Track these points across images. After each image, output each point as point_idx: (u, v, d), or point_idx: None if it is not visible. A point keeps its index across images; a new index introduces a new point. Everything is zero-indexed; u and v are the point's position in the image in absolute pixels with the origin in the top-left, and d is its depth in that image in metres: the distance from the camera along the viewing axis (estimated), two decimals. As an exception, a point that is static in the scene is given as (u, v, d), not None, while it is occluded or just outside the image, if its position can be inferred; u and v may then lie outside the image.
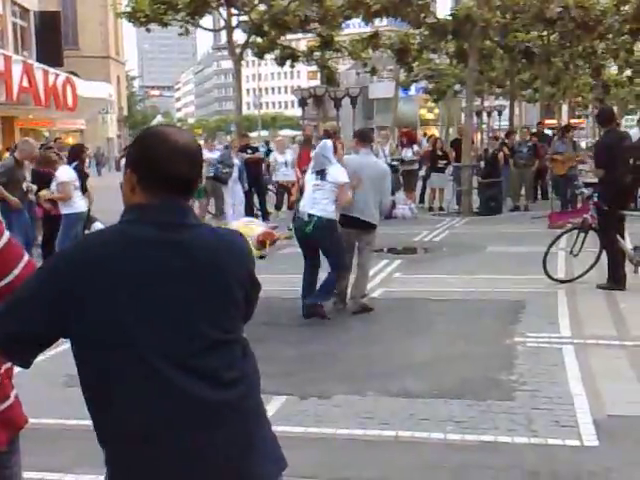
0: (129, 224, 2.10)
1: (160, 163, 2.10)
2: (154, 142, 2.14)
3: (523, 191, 19.67)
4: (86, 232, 10.60)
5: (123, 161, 18.90)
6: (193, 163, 2.17)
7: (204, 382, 2.04)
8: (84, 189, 12.55)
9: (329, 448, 4.90)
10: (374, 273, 9.95)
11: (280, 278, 10.12)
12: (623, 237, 9.39)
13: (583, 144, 33.86)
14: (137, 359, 1.99)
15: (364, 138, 8.93)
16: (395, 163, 18.20)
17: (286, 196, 17.45)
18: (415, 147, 19.69)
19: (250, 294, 2.27)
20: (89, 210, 12.64)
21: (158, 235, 2.06)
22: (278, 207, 17.92)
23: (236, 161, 16.77)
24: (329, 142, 8.63)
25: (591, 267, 9.49)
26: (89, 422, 2.13)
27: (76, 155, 12.85)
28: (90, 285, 2.00)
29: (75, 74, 33.47)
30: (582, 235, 9.63)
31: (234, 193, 16.71)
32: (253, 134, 39.57)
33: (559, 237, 10.09)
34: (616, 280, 9.18)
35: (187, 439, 2.01)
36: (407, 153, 19.14)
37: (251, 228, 7.96)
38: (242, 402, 2.10)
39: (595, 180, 10.01)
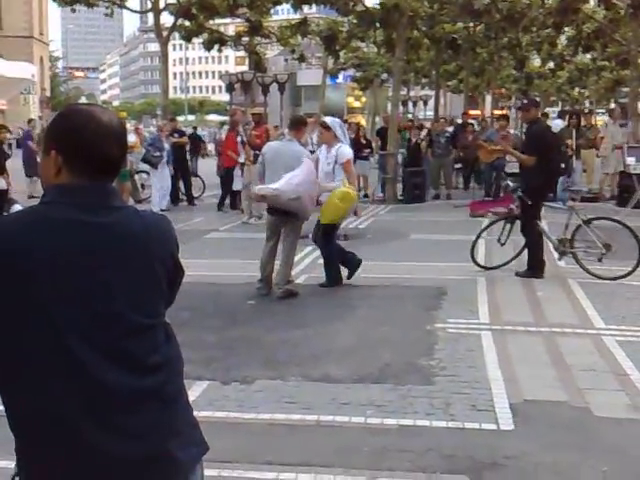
0: (51, 205, 2.04)
1: (90, 144, 2.05)
2: (81, 122, 2.07)
3: (443, 180, 19.98)
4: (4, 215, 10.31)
5: None
6: (121, 143, 2.14)
7: (125, 367, 2.01)
8: (2, 170, 12.26)
9: (251, 433, 4.91)
10: (299, 259, 9.97)
11: (203, 263, 10.06)
12: None
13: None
14: (55, 343, 1.95)
15: (291, 125, 8.93)
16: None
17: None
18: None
19: (173, 279, 2.23)
20: (7, 191, 12.37)
21: (81, 217, 2.01)
22: None
23: (166, 145, 16.62)
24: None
25: (519, 252, 9.65)
26: (1, 408, 2.07)
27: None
28: (7, 267, 1.94)
29: (-4, 53, 32.55)
30: (509, 225, 9.80)
31: (163, 177, 16.54)
32: (180, 118, 39.12)
33: (488, 226, 10.20)
34: (535, 268, 9.38)
35: (104, 425, 1.97)
36: None
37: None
38: (164, 387, 2.08)
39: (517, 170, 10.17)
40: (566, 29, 26.74)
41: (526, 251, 9.57)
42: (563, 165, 9.81)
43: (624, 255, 9.21)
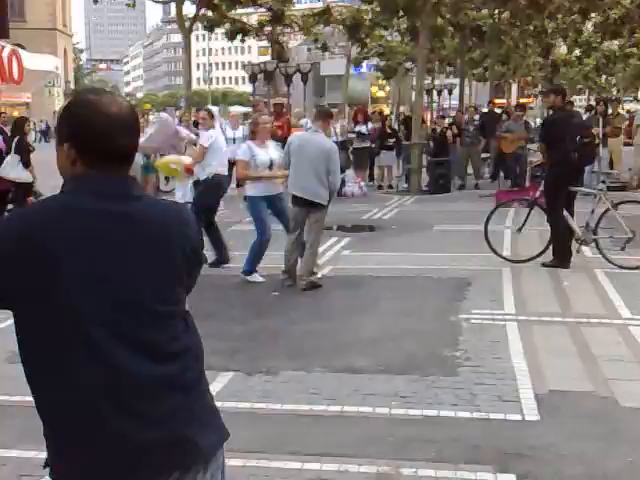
0: (72, 194, 2.06)
1: (100, 137, 2.05)
2: (90, 114, 2.07)
3: (471, 170, 19.83)
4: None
5: None
6: (132, 132, 2.14)
7: (146, 354, 2.03)
8: (28, 163, 12.35)
9: (275, 423, 4.93)
10: (323, 250, 9.97)
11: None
12: (572, 216, 9.49)
13: (532, 123, 34.27)
14: (78, 331, 1.97)
15: (318, 116, 8.92)
16: (351, 136, 18.32)
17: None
18: (369, 125, 19.64)
19: (193, 267, 2.25)
20: (33, 184, 12.46)
21: (102, 205, 2.03)
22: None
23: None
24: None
25: (548, 246, 9.55)
26: (30, 398, 2.10)
27: (19, 129, 12.63)
28: (30, 256, 1.96)
29: (21, 46, 32.69)
30: (529, 211, 9.72)
31: None
32: (203, 109, 39.21)
33: (493, 211, 10.01)
34: (561, 258, 9.30)
35: (125, 412, 2.00)
36: (361, 129, 19.16)
37: (180, 159, 9.03)
38: (184, 374, 2.10)
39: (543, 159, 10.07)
40: (592, 15, 26.46)
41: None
42: (575, 154, 9.56)
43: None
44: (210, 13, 24.42)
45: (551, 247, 9.44)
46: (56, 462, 2.08)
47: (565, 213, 9.34)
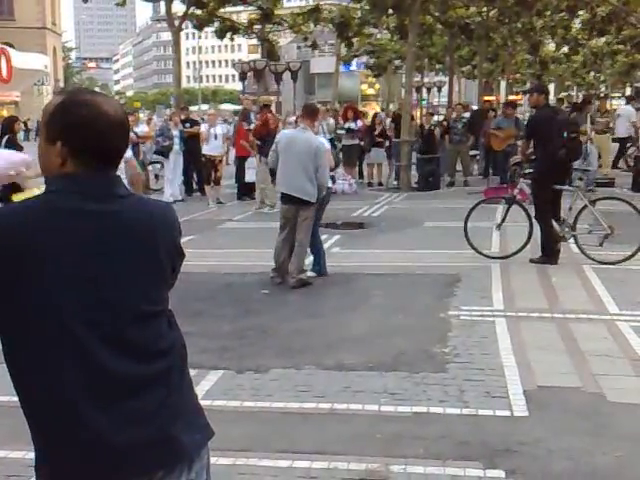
0: (57, 194, 2.04)
1: (100, 138, 2.05)
2: (90, 116, 2.05)
3: (460, 167, 19.86)
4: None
5: None
6: (126, 133, 2.16)
7: (129, 354, 2.03)
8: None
9: (265, 421, 4.93)
10: (313, 248, 9.97)
11: (217, 252, 10.10)
12: (558, 215, 9.51)
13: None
14: (60, 331, 1.97)
15: (305, 113, 8.93)
16: (341, 132, 18.33)
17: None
18: (359, 122, 19.61)
19: (176, 264, 2.25)
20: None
21: (88, 205, 2.02)
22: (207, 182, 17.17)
23: (175, 132, 16.58)
24: None
25: (526, 243, 9.59)
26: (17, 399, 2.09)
27: (8, 127, 12.58)
28: (14, 255, 1.95)
29: (10, 45, 32.61)
30: (507, 208, 9.78)
31: (176, 166, 16.47)
32: (193, 108, 39.02)
33: (473, 209, 9.99)
34: (549, 255, 9.34)
35: (107, 411, 1.99)
36: (351, 125, 19.15)
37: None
38: (168, 373, 2.10)
39: (532, 157, 10.10)
40: (580, 12, 26.56)
41: (539, 238, 9.52)
42: (563, 150, 9.56)
43: (627, 240, 9.19)
44: (199, 11, 24.35)
45: (532, 243, 9.47)
46: (40, 462, 2.07)
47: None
